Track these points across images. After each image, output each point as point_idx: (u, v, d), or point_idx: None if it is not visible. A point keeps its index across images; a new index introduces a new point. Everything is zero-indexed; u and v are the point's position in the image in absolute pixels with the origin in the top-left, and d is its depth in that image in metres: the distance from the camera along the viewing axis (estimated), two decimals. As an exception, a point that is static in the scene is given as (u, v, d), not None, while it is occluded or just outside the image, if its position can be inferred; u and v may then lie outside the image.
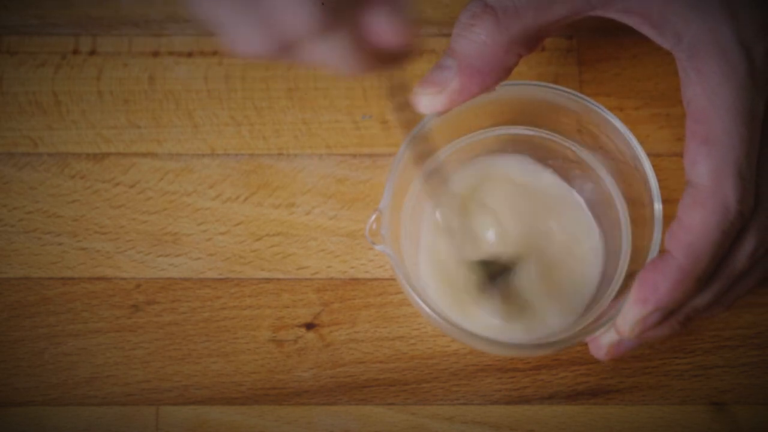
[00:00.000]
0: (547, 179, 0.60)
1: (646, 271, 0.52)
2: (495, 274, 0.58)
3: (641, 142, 0.56)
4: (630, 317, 0.52)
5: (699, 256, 0.51)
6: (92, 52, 0.66)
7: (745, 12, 0.51)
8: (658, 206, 0.55)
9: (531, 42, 0.54)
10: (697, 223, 0.50)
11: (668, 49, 0.53)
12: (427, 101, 0.54)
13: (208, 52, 0.65)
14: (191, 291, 0.62)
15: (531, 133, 0.60)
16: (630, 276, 0.57)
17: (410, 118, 0.47)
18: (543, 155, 0.60)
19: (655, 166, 0.56)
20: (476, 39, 0.53)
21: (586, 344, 0.56)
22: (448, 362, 0.60)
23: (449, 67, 0.54)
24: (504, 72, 0.54)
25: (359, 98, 0.65)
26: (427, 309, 0.55)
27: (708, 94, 0.51)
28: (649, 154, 0.56)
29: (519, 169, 0.60)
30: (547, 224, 0.59)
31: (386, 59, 0.41)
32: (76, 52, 0.66)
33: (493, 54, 0.53)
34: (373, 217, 0.55)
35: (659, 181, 0.56)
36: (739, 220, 0.51)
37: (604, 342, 0.55)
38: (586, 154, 0.59)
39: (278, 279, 0.62)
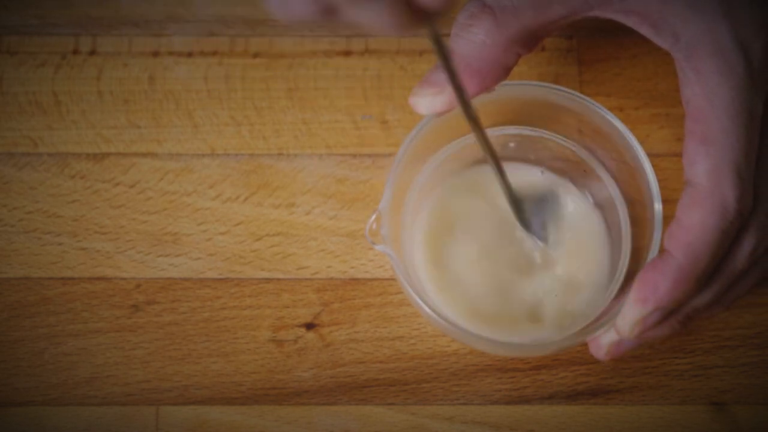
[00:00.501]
0: (549, 181, 0.60)
1: (646, 271, 0.52)
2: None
3: (641, 142, 0.56)
4: (630, 317, 0.52)
5: (698, 255, 0.51)
6: (92, 52, 0.66)
7: (742, 11, 0.51)
8: (658, 206, 0.55)
9: (530, 41, 0.54)
10: (696, 223, 0.50)
11: (666, 49, 0.53)
12: (427, 102, 0.54)
13: (208, 52, 0.65)
14: (191, 291, 0.62)
15: (531, 133, 0.60)
16: (630, 276, 0.57)
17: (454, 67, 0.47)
18: (543, 155, 0.60)
19: (655, 166, 0.56)
20: (475, 39, 0.53)
21: (586, 344, 0.56)
22: (448, 362, 0.60)
23: None
24: (503, 71, 0.54)
25: (359, 98, 0.65)
26: (427, 309, 0.55)
27: (706, 94, 0.51)
28: (649, 154, 0.56)
29: (520, 173, 0.60)
30: (547, 225, 0.59)
31: (424, 17, 0.41)
32: (76, 52, 0.66)
33: (492, 54, 0.53)
34: (373, 217, 0.55)
35: (659, 181, 0.56)
36: (738, 219, 0.51)
37: (604, 342, 0.55)
38: (586, 154, 0.59)
39: (278, 279, 0.62)
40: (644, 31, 0.53)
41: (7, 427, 0.59)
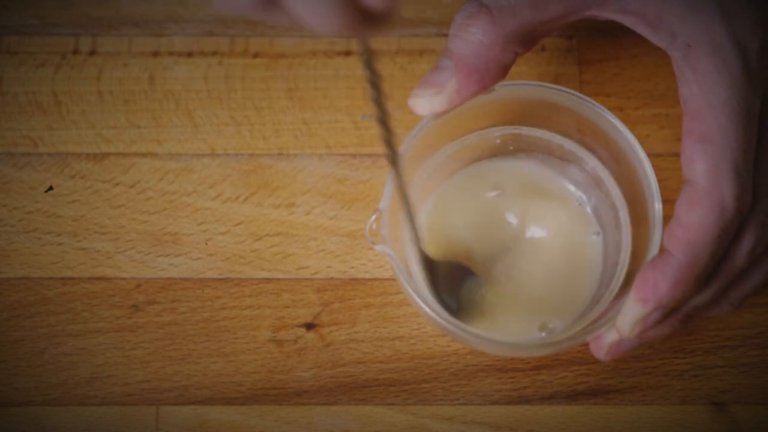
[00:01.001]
0: (549, 180, 0.60)
1: (646, 270, 0.52)
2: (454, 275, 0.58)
3: (641, 142, 0.56)
4: (630, 317, 0.52)
5: (698, 254, 0.51)
6: (92, 52, 0.66)
7: (740, 10, 0.51)
8: (658, 206, 0.55)
9: (527, 41, 0.54)
10: (695, 221, 0.51)
11: (664, 49, 0.53)
12: (426, 102, 0.54)
13: (208, 52, 0.65)
14: (191, 291, 0.62)
15: (531, 133, 0.60)
16: (630, 276, 0.57)
17: (382, 95, 0.46)
18: (543, 155, 0.60)
19: (655, 166, 0.56)
20: (472, 39, 0.53)
21: (586, 344, 0.56)
22: (448, 362, 0.60)
23: (446, 67, 0.54)
24: (501, 70, 0.54)
25: (359, 98, 0.65)
26: (427, 309, 0.54)
27: (704, 93, 0.51)
28: (649, 154, 0.56)
29: (521, 172, 0.61)
30: (547, 224, 0.59)
31: (368, 21, 0.40)
32: (76, 52, 0.66)
33: (490, 53, 0.53)
34: (373, 217, 0.55)
35: (659, 181, 0.56)
36: (736, 218, 0.51)
37: (604, 342, 0.55)
38: (586, 154, 0.59)
39: (278, 279, 0.62)
40: (641, 30, 0.53)
41: (7, 427, 0.59)
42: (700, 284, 0.52)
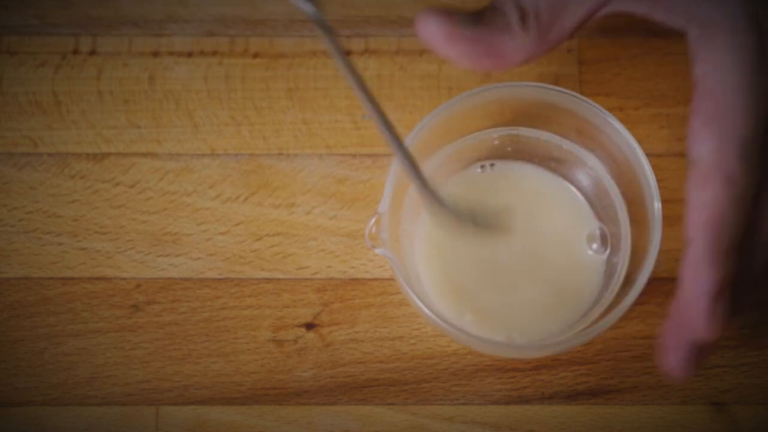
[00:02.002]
0: (547, 180, 0.60)
1: (682, 272, 0.50)
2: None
3: (641, 142, 0.56)
4: (703, 320, 0.50)
5: (718, 229, 0.49)
6: (92, 52, 0.66)
7: None
8: (657, 206, 0.55)
9: (546, 46, 0.54)
10: (707, 200, 0.49)
11: (679, 30, 0.52)
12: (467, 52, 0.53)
13: (208, 52, 0.65)
14: (191, 291, 0.62)
15: (531, 133, 0.60)
16: (629, 276, 0.57)
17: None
18: (542, 156, 0.60)
19: (654, 166, 0.56)
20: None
21: (586, 344, 0.56)
22: (448, 362, 0.60)
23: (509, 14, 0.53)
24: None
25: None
26: (427, 311, 0.55)
27: (718, 73, 0.50)
28: (649, 154, 0.56)
29: (519, 173, 0.61)
30: (547, 225, 0.60)
31: None
32: (76, 52, 0.65)
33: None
34: (373, 220, 0.55)
35: (659, 181, 0.56)
36: (747, 189, 0.50)
37: (681, 357, 0.52)
38: (585, 154, 0.59)
39: (278, 279, 0.62)
40: (657, 15, 0.53)
41: (7, 427, 0.60)
42: (735, 254, 0.50)
